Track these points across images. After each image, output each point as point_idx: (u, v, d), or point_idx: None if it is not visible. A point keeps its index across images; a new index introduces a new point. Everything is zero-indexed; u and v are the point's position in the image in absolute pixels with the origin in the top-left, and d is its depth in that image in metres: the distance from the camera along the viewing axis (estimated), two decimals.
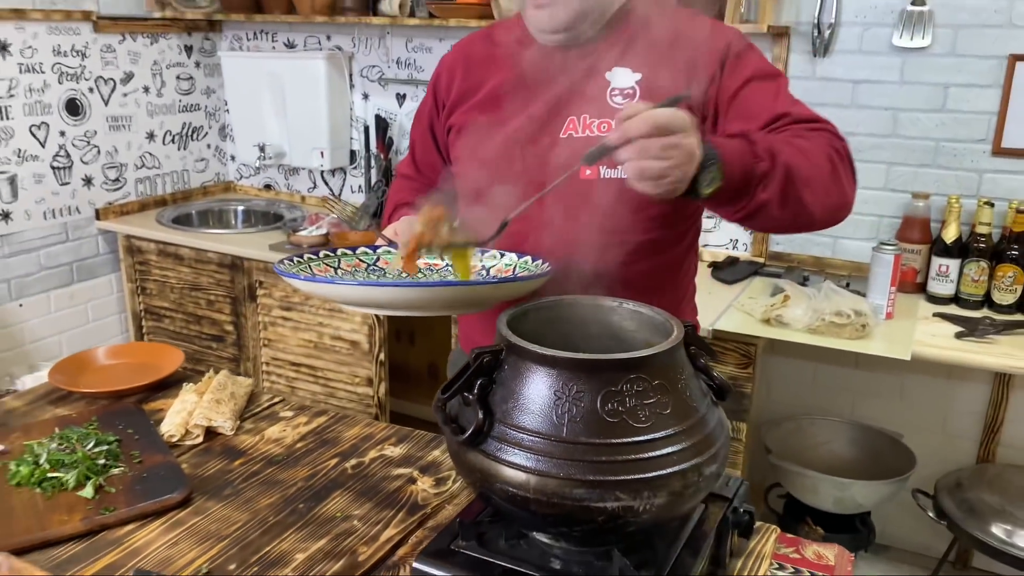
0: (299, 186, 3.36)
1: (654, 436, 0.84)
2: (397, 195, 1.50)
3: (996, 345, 1.98)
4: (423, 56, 2.97)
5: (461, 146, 1.34)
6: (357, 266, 1.27)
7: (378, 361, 2.64)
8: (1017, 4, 2.16)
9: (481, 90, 1.32)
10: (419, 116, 1.47)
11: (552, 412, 0.85)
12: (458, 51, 1.40)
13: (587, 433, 0.83)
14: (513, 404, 0.87)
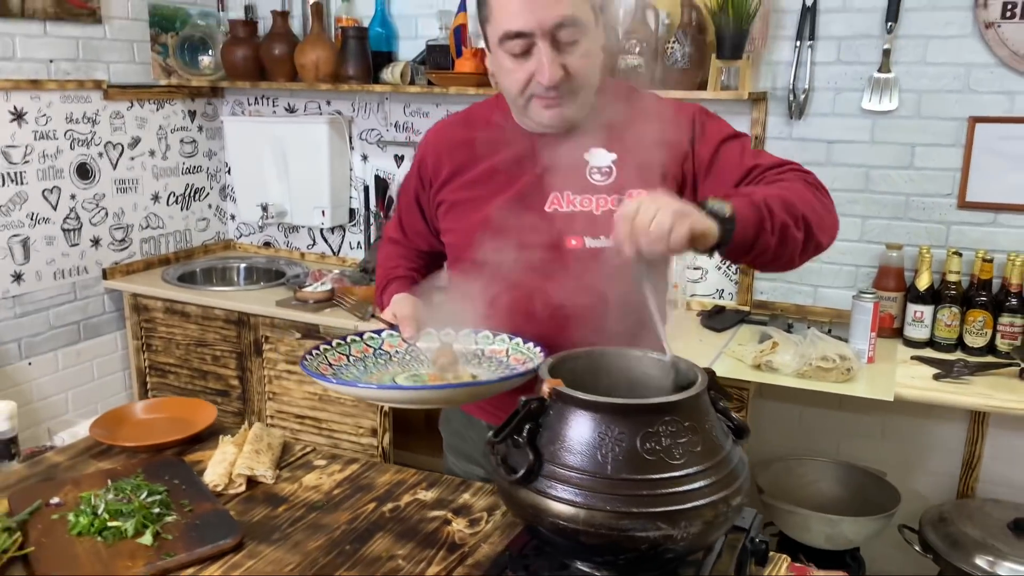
0: (298, 243, 3.47)
1: (688, 471, 0.96)
2: (387, 261, 1.61)
3: (971, 385, 2.12)
4: (420, 120, 3.12)
5: (452, 220, 1.47)
6: (366, 351, 1.41)
7: (382, 412, 2.72)
8: (973, 71, 2.36)
9: (468, 170, 1.44)
10: (405, 187, 1.59)
11: (597, 452, 0.96)
12: (440, 135, 1.51)
13: (629, 470, 0.95)
14: (560, 446, 0.98)
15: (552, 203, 1.38)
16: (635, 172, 1.35)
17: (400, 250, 1.63)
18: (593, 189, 1.37)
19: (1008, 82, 2.33)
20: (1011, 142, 2.36)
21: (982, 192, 2.41)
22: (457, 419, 1.64)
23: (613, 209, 1.35)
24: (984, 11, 2.31)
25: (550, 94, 1.27)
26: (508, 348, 1.37)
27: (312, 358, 1.34)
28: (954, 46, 2.37)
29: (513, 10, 1.23)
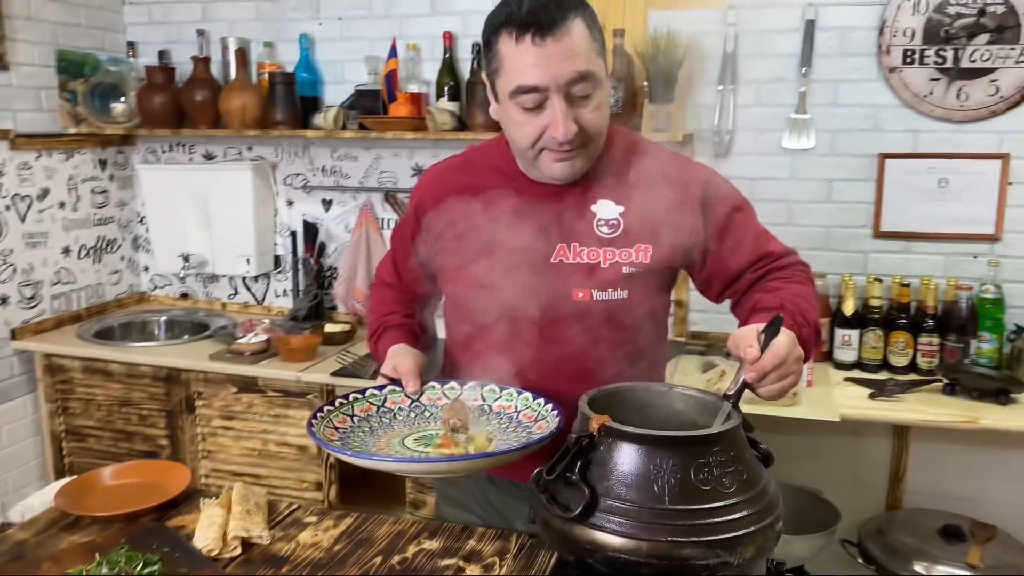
0: (219, 293, 3.35)
1: (739, 499, 0.99)
2: (381, 307, 1.57)
3: (903, 402, 2.27)
4: (349, 164, 3.09)
5: (453, 268, 1.44)
6: (369, 410, 1.39)
7: (328, 464, 2.65)
8: (880, 111, 2.57)
9: (471, 217, 1.41)
10: (401, 230, 1.57)
11: (652, 484, 0.99)
12: (441, 179, 1.49)
13: (686, 500, 0.97)
14: (614, 480, 1.00)
15: (558, 255, 1.37)
16: (643, 226, 1.36)
17: (394, 294, 1.60)
18: (600, 242, 1.37)
19: (912, 121, 2.55)
20: (916, 176, 2.57)
21: (894, 222, 2.60)
22: None
23: (620, 262, 1.36)
24: (887, 57, 2.52)
25: (564, 148, 1.27)
26: (516, 403, 1.38)
27: (318, 423, 1.31)
28: (862, 89, 2.57)
29: (527, 64, 1.21)
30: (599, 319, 1.37)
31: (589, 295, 1.36)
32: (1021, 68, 2.42)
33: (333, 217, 3.15)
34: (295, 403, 2.62)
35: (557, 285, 1.37)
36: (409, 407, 1.39)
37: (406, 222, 1.54)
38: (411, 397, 1.39)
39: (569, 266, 1.37)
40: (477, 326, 1.41)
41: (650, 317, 1.43)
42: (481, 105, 2.66)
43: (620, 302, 1.37)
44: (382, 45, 2.96)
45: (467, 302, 1.43)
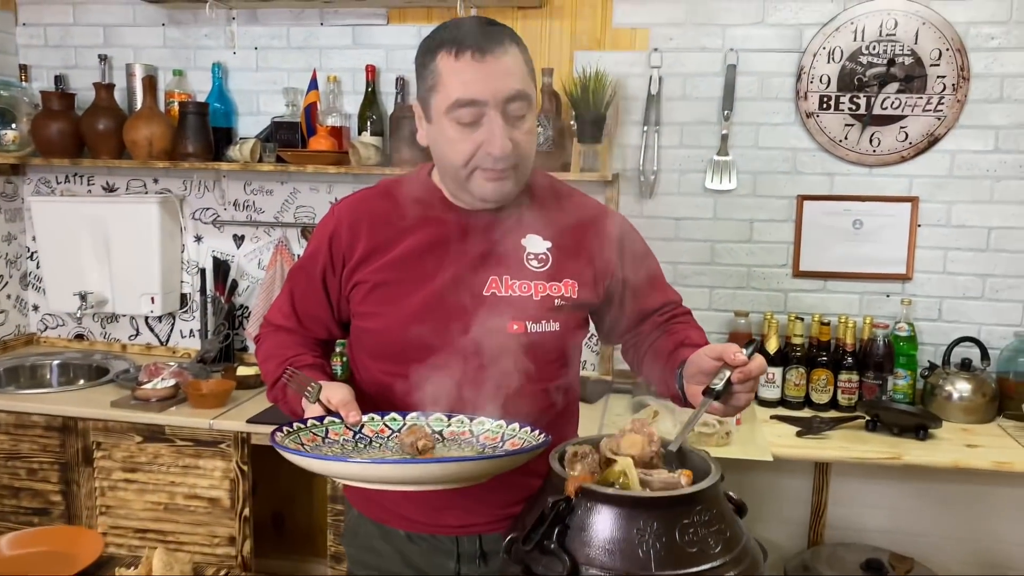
0: (118, 335, 3.14)
1: (724, 559, 0.95)
2: (284, 350, 1.44)
3: (830, 439, 2.31)
4: (263, 198, 2.96)
5: (375, 304, 1.37)
6: (314, 439, 1.25)
7: (242, 517, 2.49)
8: (799, 155, 2.64)
9: (393, 248, 1.36)
10: (304, 269, 1.45)
11: (637, 550, 0.93)
12: (356, 208, 1.41)
13: (674, 565, 0.93)
14: (596, 546, 0.94)
15: (490, 287, 1.34)
16: (568, 262, 1.38)
17: (295, 338, 1.48)
18: (531, 275, 1.35)
19: (828, 164, 2.63)
20: (832, 217, 2.65)
21: (812, 262, 2.67)
22: (367, 531, 1.48)
23: (551, 295, 1.35)
24: (804, 102, 2.60)
25: (498, 166, 1.25)
26: (471, 428, 1.30)
27: (284, 436, 1.19)
28: (781, 132, 2.65)
29: (467, 78, 1.22)
30: (533, 352, 1.34)
31: (524, 327, 1.33)
32: (928, 116, 2.54)
33: (245, 253, 3.00)
34: (206, 452, 2.46)
35: (491, 317, 1.33)
36: (353, 439, 1.28)
37: (312, 258, 1.43)
38: (352, 428, 1.29)
39: (502, 298, 1.34)
40: (403, 362, 1.33)
41: (575, 350, 1.45)
42: (407, 140, 2.60)
43: (552, 334, 1.35)
44: (300, 76, 2.86)
45: (393, 337, 1.35)
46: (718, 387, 1.16)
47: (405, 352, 1.33)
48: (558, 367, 1.39)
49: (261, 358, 1.49)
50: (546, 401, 1.36)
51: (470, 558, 1.40)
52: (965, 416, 2.44)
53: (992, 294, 2.60)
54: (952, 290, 2.62)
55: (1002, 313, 2.60)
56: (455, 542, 1.40)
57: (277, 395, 1.41)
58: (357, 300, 1.40)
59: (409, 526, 1.41)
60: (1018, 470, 2.15)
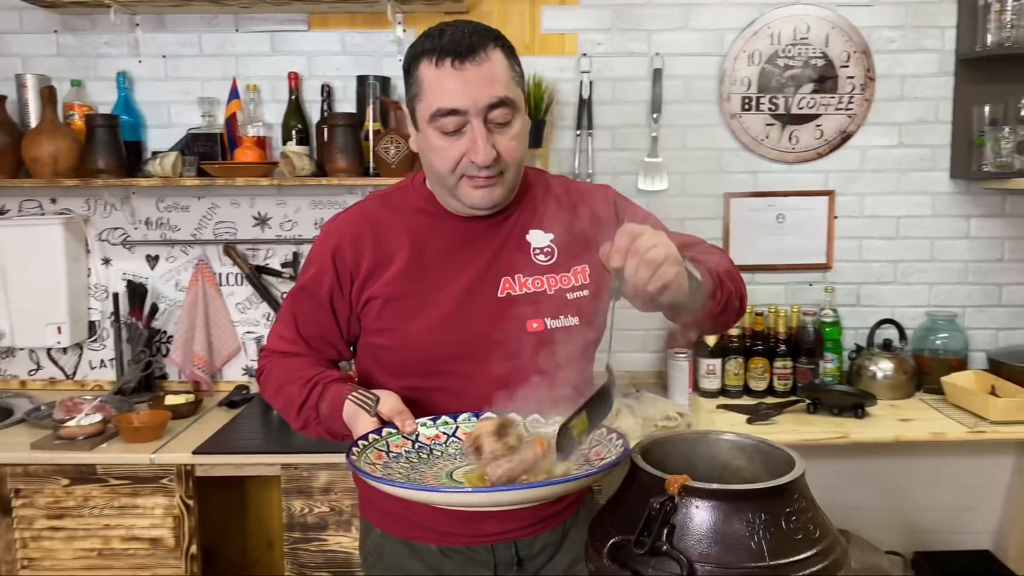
0: (16, 371, 2.86)
1: (823, 544, 0.98)
2: (303, 371, 1.38)
3: (778, 424, 2.42)
4: (179, 215, 2.79)
5: (390, 319, 1.34)
6: (379, 457, 1.19)
7: (188, 556, 2.33)
8: (724, 154, 2.76)
9: (396, 260, 1.34)
10: (307, 291, 1.39)
11: (750, 542, 0.94)
12: (355, 222, 1.38)
13: (787, 553, 0.94)
14: (708, 543, 0.95)
15: (504, 288, 1.34)
16: (572, 249, 1.38)
17: (309, 360, 1.42)
18: (540, 270, 1.36)
19: (751, 163, 2.76)
20: (757, 213, 2.78)
21: (741, 256, 2.79)
22: (394, 551, 1.44)
23: (563, 288, 1.35)
24: (728, 104, 2.72)
25: (482, 173, 1.24)
26: (524, 422, 1.27)
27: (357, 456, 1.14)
28: (707, 133, 2.75)
29: (447, 87, 1.21)
30: (555, 348, 1.32)
31: (543, 324, 1.33)
32: (840, 115, 2.72)
33: (161, 274, 2.82)
34: (146, 490, 2.28)
35: (510, 319, 1.32)
36: (415, 448, 1.23)
37: (316, 279, 1.38)
38: (410, 438, 1.24)
39: (518, 298, 1.34)
40: (427, 375, 1.31)
41: (594, 345, 1.42)
42: (340, 148, 2.52)
43: (573, 328, 1.35)
44: (215, 86, 2.72)
45: (414, 353, 1.32)
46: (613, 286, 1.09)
47: (428, 366, 1.29)
48: (584, 362, 1.37)
49: (273, 388, 1.41)
50: (575, 399, 1.34)
51: (507, 566, 1.37)
52: (890, 393, 2.62)
53: (903, 278, 2.81)
54: (868, 276, 2.81)
55: (913, 295, 2.81)
56: (491, 551, 1.37)
57: (308, 416, 1.34)
58: (371, 317, 1.36)
59: (443, 540, 1.37)
60: (951, 439, 2.34)
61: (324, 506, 2.29)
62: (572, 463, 1.15)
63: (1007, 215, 2.77)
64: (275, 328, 1.46)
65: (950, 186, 2.77)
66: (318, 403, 1.33)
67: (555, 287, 1.35)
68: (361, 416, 1.23)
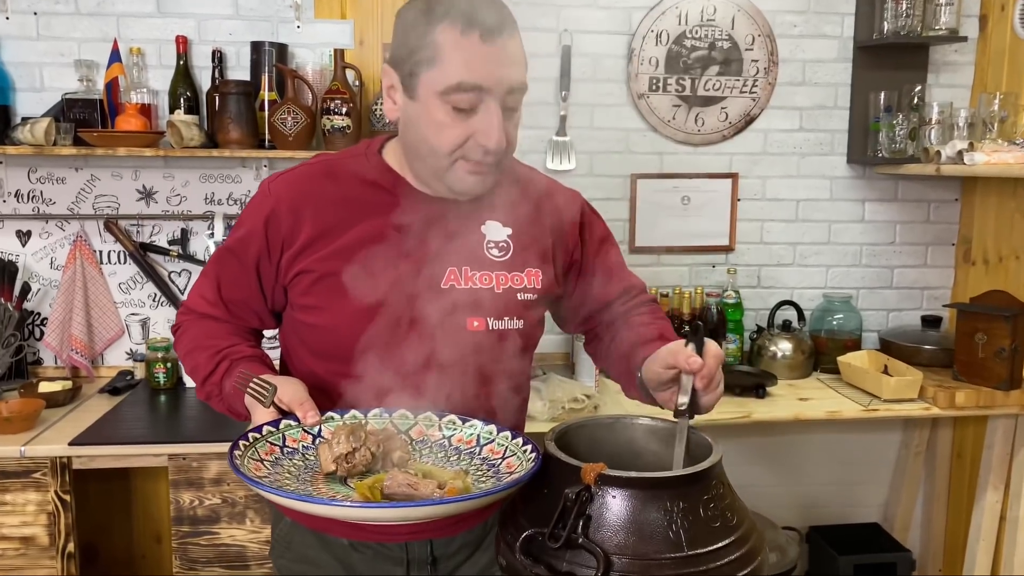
0: None
1: (744, 530, 0.95)
2: (216, 340, 1.28)
3: None
4: (54, 188, 2.57)
5: (320, 296, 1.24)
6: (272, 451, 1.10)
7: (65, 555, 2.16)
8: (631, 135, 2.74)
9: (343, 234, 1.23)
10: (233, 252, 1.28)
11: (668, 531, 0.91)
12: (297, 187, 1.26)
13: (705, 541, 0.91)
14: (625, 534, 0.91)
15: (449, 279, 1.24)
16: (530, 249, 1.29)
17: (225, 327, 1.31)
18: (491, 265, 1.26)
19: (658, 144, 2.76)
20: (663, 194, 2.78)
21: (646, 238, 2.79)
22: (304, 541, 1.34)
23: (514, 288, 1.27)
24: (635, 83, 2.70)
25: (486, 159, 1.15)
26: (441, 429, 1.20)
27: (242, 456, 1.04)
28: (615, 113, 2.73)
29: (473, 61, 1.09)
30: (493, 351, 1.26)
31: (484, 324, 1.24)
32: (744, 97, 2.74)
33: (34, 252, 2.60)
34: (15, 485, 2.10)
35: (449, 313, 1.23)
36: (314, 443, 1.14)
37: (244, 242, 1.27)
38: (311, 432, 1.15)
39: (462, 292, 1.24)
40: (352, 361, 1.21)
41: (532, 350, 1.37)
42: (233, 118, 2.37)
43: (515, 332, 1.28)
44: (94, 48, 2.52)
45: (342, 335, 1.22)
46: (685, 405, 1.08)
47: (355, 351, 1.20)
48: (520, 368, 1.31)
49: (184, 349, 1.30)
50: (505, 400, 1.28)
51: (421, 564, 1.30)
52: (789, 373, 2.67)
53: (801, 260, 2.86)
54: (768, 258, 2.85)
55: (810, 277, 2.87)
56: (404, 549, 1.29)
57: (211, 391, 1.24)
58: (299, 291, 1.25)
59: (354, 533, 1.29)
60: (848, 417, 2.40)
61: (215, 498, 2.16)
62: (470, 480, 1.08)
63: (900, 200, 2.86)
64: (197, 286, 1.34)
65: (847, 171, 2.83)
66: (222, 379, 1.23)
67: (504, 286, 1.26)
68: (259, 404, 1.14)
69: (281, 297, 1.29)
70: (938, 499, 2.96)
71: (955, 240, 2.90)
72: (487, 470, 1.12)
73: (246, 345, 1.28)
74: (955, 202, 2.88)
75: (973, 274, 2.84)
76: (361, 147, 1.31)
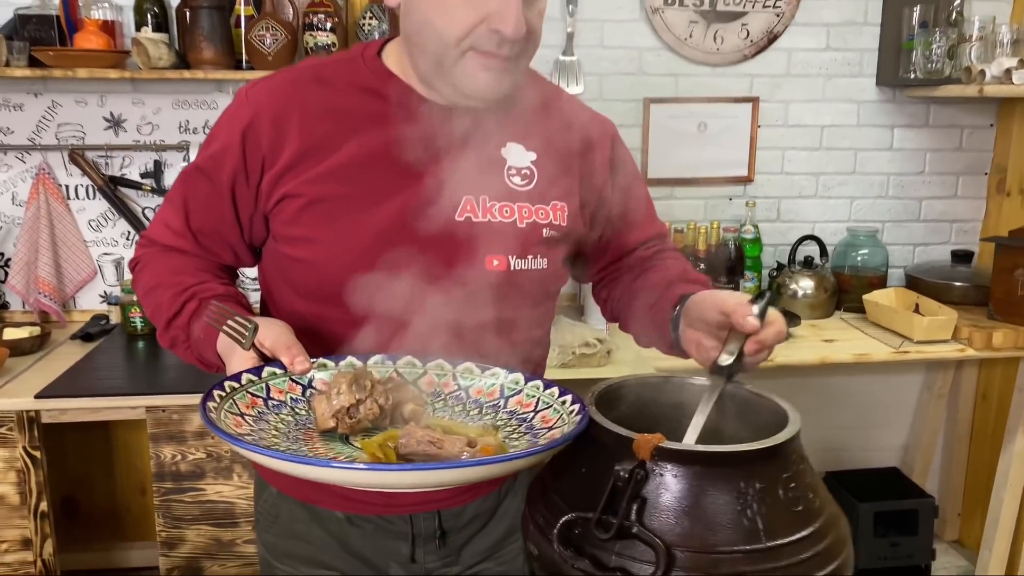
0: None
1: (827, 515, 0.79)
2: (183, 277, 1.07)
3: None
4: (11, 116, 2.34)
5: (311, 226, 1.04)
6: (254, 403, 0.91)
7: (38, 513, 2.00)
8: (645, 54, 2.51)
9: (336, 151, 1.03)
10: (204, 173, 1.08)
11: (741, 517, 0.74)
12: (281, 96, 1.05)
13: (786, 529, 0.74)
14: (689, 522, 0.73)
15: (464, 209, 1.04)
16: (556, 180, 1.10)
17: (193, 262, 1.11)
18: (512, 195, 1.07)
19: (673, 65, 2.53)
20: (678, 120, 2.57)
21: (659, 169, 2.59)
22: (293, 514, 1.17)
23: (538, 222, 1.08)
24: None
25: (501, 51, 0.95)
26: (456, 379, 1.02)
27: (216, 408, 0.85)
28: (626, 30, 2.49)
29: None
30: (514, 296, 1.07)
31: (506, 263, 1.06)
32: (767, 12, 2.50)
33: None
34: None
35: (466, 249, 1.04)
36: (305, 396, 0.95)
37: (217, 159, 1.06)
38: (300, 381, 0.96)
39: (480, 225, 1.05)
40: (344, 303, 1.02)
41: (555, 297, 1.19)
42: (206, 36, 2.13)
43: (539, 273, 1.09)
44: None
45: (335, 272, 1.03)
46: (728, 363, 0.92)
47: (351, 292, 1.01)
48: (540, 313, 1.14)
49: (144, 287, 1.10)
50: (526, 355, 1.10)
51: (427, 538, 1.14)
52: (811, 312, 2.50)
53: (824, 191, 2.67)
54: (789, 190, 2.66)
55: (833, 210, 2.68)
56: (409, 522, 1.13)
57: (176, 336, 1.04)
58: (284, 220, 1.05)
59: (351, 506, 1.12)
60: (876, 360, 2.24)
61: (199, 452, 2.00)
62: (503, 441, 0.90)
63: (931, 126, 2.66)
64: (160, 213, 1.13)
65: (876, 94, 2.62)
66: (190, 322, 1.03)
67: (528, 220, 1.07)
68: (237, 348, 0.95)
69: (261, 227, 1.09)
70: (959, 442, 2.84)
71: (988, 169, 2.71)
72: (518, 426, 0.94)
73: (217, 282, 1.08)
74: (990, 128, 2.68)
75: (1007, 205, 2.66)
76: (356, 49, 1.10)
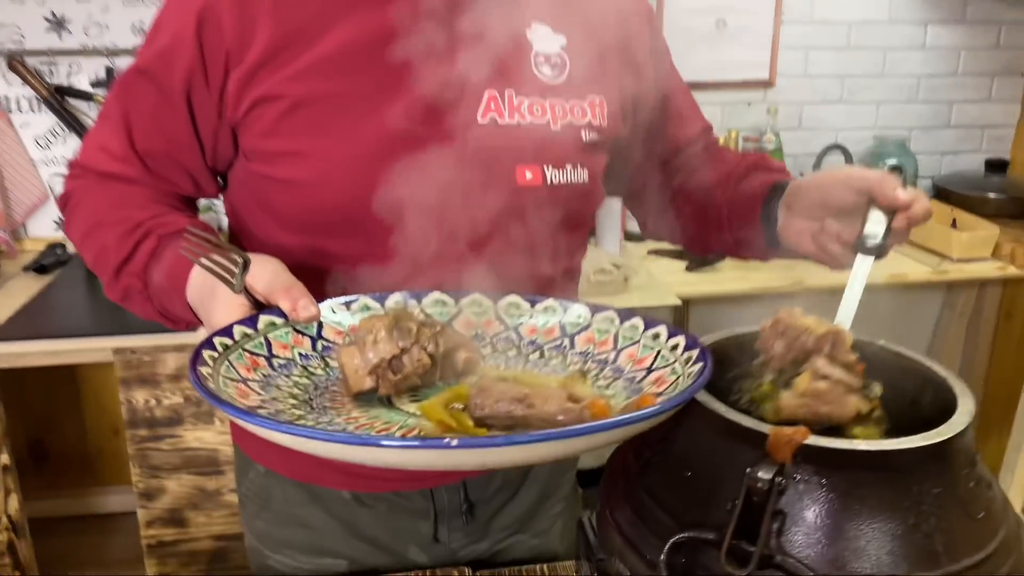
0: None
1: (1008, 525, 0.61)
2: (124, 211, 0.84)
3: (724, 271, 2.08)
4: None
5: (294, 134, 0.81)
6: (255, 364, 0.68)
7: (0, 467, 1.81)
8: None
9: (320, 40, 0.80)
10: (149, 77, 0.83)
11: (914, 535, 0.55)
12: None
13: (971, 546, 0.56)
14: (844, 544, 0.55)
15: (488, 108, 0.82)
16: (592, 69, 0.88)
17: (144, 192, 0.86)
18: (543, 89, 0.85)
19: None
20: (695, 16, 2.32)
21: None
22: (287, 496, 0.97)
23: (575, 123, 0.86)
24: None
25: None
26: (501, 315, 0.79)
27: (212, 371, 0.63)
28: None
29: None
30: (552, 216, 0.86)
31: (540, 176, 0.85)
32: None
33: None
34: None
35: (491, 158, 0.82)
36: (319, 351, 0.73)
37: (164, 58, 0.81)
38: (307, 332, 0.74)
39: (506, 128, 0.83)
40: (344, 232, 0.82)
41: (594, 219, 1.01)
42: None
43: (580, 189, 0.88)
44: None
45: (330, 193, 0.81)
46: (877, 240, 0.79)
47: (352, 217, 0.79)
48: (577, 238, 0.95)
49: (81, 229, 0.87)
50: (563, 286, 0.91)
51: (452, 514, 0.96)
52: None
53: (850, 96, 2.46)
54: (812, 95, 2.44)
55: (859, 116, 2.48)
56: (430, 497, 0.94)
57: (129, 285, 0.82)
58: (260, 131, 0.81)
59: (358, 484, 0.93)
60: (914, 280, 2.07)
61: (176, 396, 1.80)
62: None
63: (968, 21, 2.43)
64: (94, 133, 0.89)
65: None
66: (147, 266, 0.80)
67: (563, 120, 0.86)
68: (221, 293, 0.71)
69: (228, 144, 0.85)
70: (979, 364, 2.71)
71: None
72: (601, 369, 0.73)
73: (178, 214, 0.85)
74: None
75: None
76: None
